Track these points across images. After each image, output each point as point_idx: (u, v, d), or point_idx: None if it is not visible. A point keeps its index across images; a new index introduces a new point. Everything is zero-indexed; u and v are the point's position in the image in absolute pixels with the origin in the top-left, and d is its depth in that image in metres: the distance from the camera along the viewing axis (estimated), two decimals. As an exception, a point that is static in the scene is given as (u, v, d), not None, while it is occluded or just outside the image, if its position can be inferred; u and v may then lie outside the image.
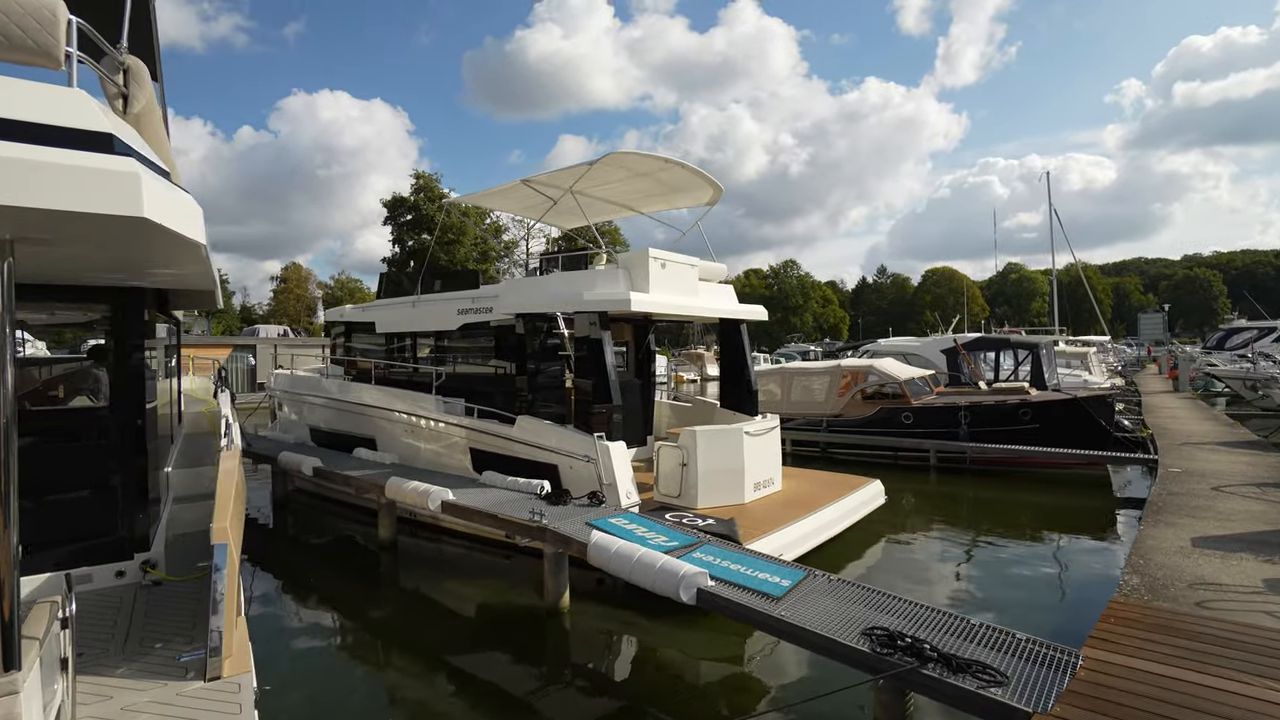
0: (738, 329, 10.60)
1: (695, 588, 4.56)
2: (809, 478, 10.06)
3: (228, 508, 4.15)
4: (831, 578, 4.91)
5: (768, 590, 4.54)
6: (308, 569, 8.45)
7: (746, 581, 4.68)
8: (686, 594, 4.55)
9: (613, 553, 5.10)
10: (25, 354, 7.25)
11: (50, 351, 7.90)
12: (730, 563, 5.08)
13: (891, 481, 12.50)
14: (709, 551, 5.39)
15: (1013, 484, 12.31)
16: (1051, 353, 17.38)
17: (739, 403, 10.58)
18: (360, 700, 5.16)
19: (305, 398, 12.12)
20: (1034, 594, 7.10)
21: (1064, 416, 12.94)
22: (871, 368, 14.99)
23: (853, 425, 14.73)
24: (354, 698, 5.20)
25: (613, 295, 8.28)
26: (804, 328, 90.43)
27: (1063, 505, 11.16)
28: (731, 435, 8.53)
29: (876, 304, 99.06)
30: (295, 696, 5.18)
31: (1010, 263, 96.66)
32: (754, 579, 4.72)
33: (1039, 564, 8.16)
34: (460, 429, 9.07)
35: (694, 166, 9.62)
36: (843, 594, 4.63)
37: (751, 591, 4.56)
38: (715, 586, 4.60)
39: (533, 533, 6.06)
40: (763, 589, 4.56)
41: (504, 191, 10.21)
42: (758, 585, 4.61)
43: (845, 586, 4.77)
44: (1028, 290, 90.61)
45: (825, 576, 4.94)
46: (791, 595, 4.51)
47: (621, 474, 7.73)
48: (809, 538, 7.65)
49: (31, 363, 6.38)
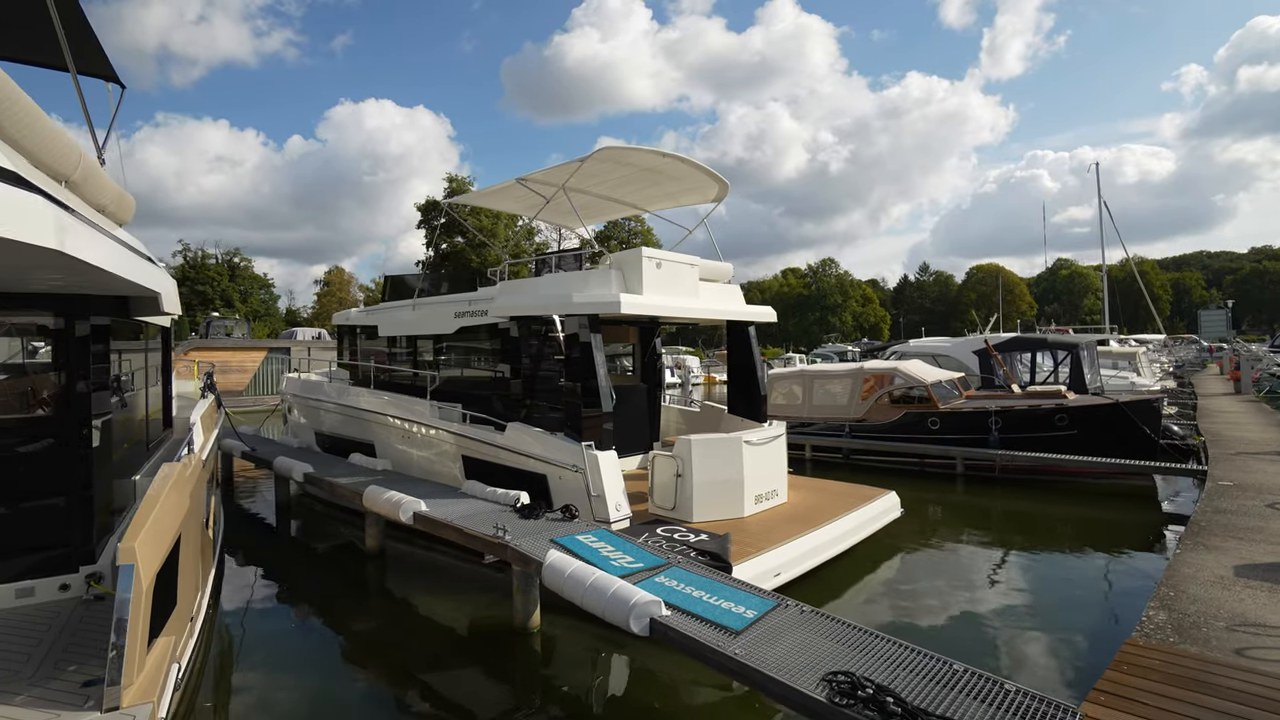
0: (745, 331, 10.10)
1: (647, 618, 4.14)
2: (819, 489, 9.47)
3: (143, 525, 3.90)
4: (805, 609, 4.42)
5: (727, 623, 4.09)
6: (295, 575, 8.28)
7: (706, 611, 4.24)
8: (637, 624, 4.13)
9: (566, 575, 4.71)
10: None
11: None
12: (694, 588, 4.63)
13: (916, 491, 11.88)
14: (674, 575, 4.95)
15: (1046, 495, 11.47)
16: (1094, 353, 16.27)
17: (747, 408, 10.06)
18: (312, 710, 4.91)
19: (311, 402, 12.07)
20: (1056, 623, 6.41)
21: (1105, 422, 12.02)
22: (896, 370, 14.25)
23: (876, 431, 14.02)
24: (305, 707, 4.95)
25: (602, 297, 7.89)
26: (843, 327, 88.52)
27: (1101, 519, 10.32)
28: (729, 444, 8.03)
29: (919, 303, 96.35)
30: (241, 705, 4.95)
31: (1060, 259, 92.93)
32: (715, 609, 4.28)
33: (1067, 587, 7.46)
34: (451, 435, 8.81)
35: (696, 161, 9.18)
36: (815, 628, 4.15)
37: (709, 623, 4.12)
38: (670, 617, 4.17)
39: (495, 549, 5.72)
40: (722, 621, 4.11)
41: (500, 191, 9.95)
42: (718, 616, 4.17)
43: (819, 620, 4.28)
44: (1079, 287, 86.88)
45: (799, 607, 4.45)
46: (755, 629, 4.05)
47: (611, 485, 7.35)
48: (810, 555, 7.12)
49: None
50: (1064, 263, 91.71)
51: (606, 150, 8.40)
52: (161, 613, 4.25)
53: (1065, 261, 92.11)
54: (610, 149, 8.36)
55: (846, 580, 7.42)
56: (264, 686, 5.50)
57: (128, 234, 4.91)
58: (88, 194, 4.10)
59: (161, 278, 5.02)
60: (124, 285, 4.29)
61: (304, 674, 5.73)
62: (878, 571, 7.88)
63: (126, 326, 6.09)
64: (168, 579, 4.41)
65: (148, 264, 4.63)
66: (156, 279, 4.78)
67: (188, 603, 5.02)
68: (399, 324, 10.93)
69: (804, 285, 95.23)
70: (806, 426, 15.11)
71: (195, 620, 5.41)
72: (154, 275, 4.74)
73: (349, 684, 5.51)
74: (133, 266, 4.01)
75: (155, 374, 7.52)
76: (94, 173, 4.20)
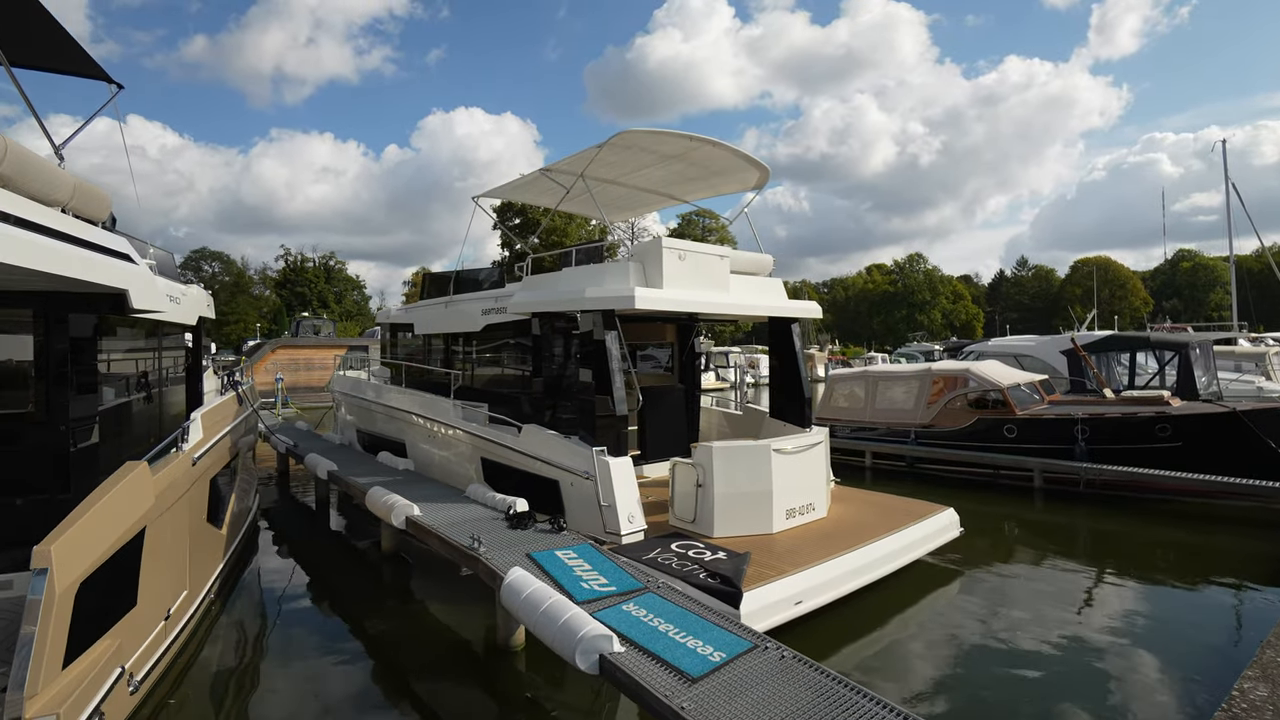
0: (788, 329, 9.26)
1: (596, 654, 3.61)
2: (865, 503, 8.54)
3: (68, 527, 3.73)
4: (787, 654, 3.74)
5: (686, 666, 3.49)
6: (312, 574, 8.19)
7: (667, 650, 3.65)
8: (584, 661, 3.61)
9: (523, 598, 4.24)
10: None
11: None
12: (663, 621, 4.05)
13: (986, 505, 10.71)
14: (646, 604, 4.38)
15: (1140, 516, 10.00)
16: (1208, 354, 14.25)
17: (790, 412, 9.27)
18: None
19: (353, 399, 12.23)
20: (1133, 677, 5.36)
21: (1218, 434, 10.41)
22: (968, 372, 12.96)
23: (945, 438, 12.81)
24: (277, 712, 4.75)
25: (616, 291, 7.37)
26: (931, 325, 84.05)
27: (1210, 547, 8.85)
28: (756, 453, 7.32)
29: (1016, 299, 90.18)
30: (211, 707, 4.79)
31: (1182, 250, 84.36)
32: (678, 648, 3.68)
33: (1153, 630, 6.21)
34: (470, 437, 8.55)
35: (730, 145, 8.49)
36: (791, 678, 3.48)
37: (666, 665, 3.53)
38: (622, 654, 3.61)
39: (468, 561, 5.33)
40: (681, 663, 3.52)
41: (528, 183, 9.62)
42: (678, 657, 3.58)
43: (799, 668, 3.59)
44: (1204, 280, 78.51)
45: (779, 651, 3.78)
46: (717, 676, 3.43)
47: (623, 494, 6.83)
48: (841, 581, 6.27)
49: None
50: (1186, 254, 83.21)
51: (625, 135, 7.88)
52: (104, 615, 4.11)
53: (1187, 253, 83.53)
54: (629, 133, 7.83)
55: (884, 611, 6.53)
56: (243, 688, 5.35)
57: (100, 231, 4.85)
58: (27, 188, 3.99)
59: (132, 275, 4.92)
60: (46, 280, 4.15)
61: (289, 676, 5.56)
62: (927, 600, 6.93)
63: (143, 325, 6.14)
64: (117, 579, 4.27)
65: (107, 259, 4.53)
66: (120, 275, 4.67)
67: (157, 602, 4.92)
68: (432, 322, 10.84)
69: (890, 281, 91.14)
70: (868, 431, 14.05)
71: (175, 619, 5.32)
72: (116, 271, 4.63)
73: (329, 692, 5.27)
74: (62, 261, 3.87)
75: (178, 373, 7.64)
76: (34, 167, 4.11)
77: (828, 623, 6.01)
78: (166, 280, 6.65)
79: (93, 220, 5.06)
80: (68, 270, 3.93)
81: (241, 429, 8.33)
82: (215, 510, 6.67)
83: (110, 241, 4.83)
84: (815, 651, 5.63)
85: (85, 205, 4.89)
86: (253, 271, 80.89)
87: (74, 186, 4.69)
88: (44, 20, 4.98)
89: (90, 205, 4.98)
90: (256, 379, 30.49)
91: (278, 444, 11.92)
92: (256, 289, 78.02)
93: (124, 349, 6.06)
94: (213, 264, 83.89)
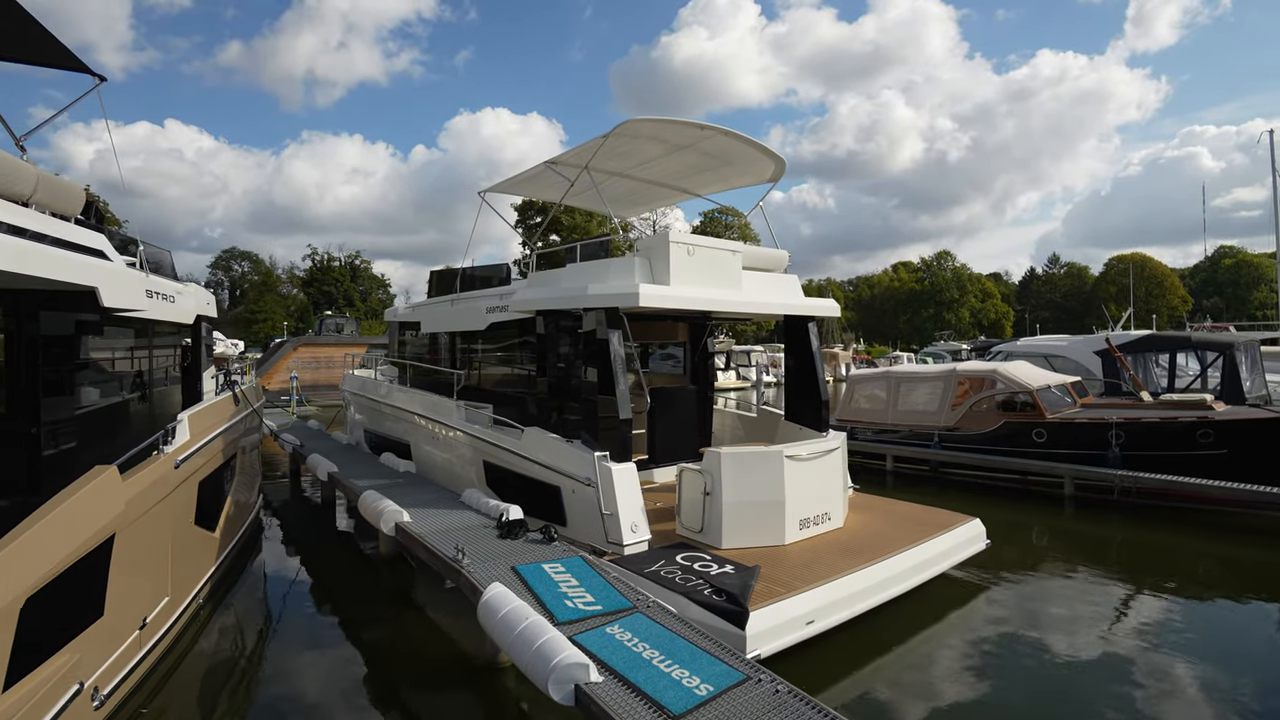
0: (804, 328, 8.83)
1: (571, 684, 3.30)
2: (886, 512, 8.06)
3: (15, 537, 3.52)
4: (782, 687, 3.39)
5: (667, 701, 3.16)
6: (310, 579, 8.01)
7: (649, 681, 3.32)
8: (557, 691, 3.30)
9: (498, 618, 3.94)
10: None
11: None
12: (649, 647, 3.72)
13: (1013, 513, 10.20)
14: (632, 626, 4.04)
15: (1183, 528, 9.40)
16: (1256, 355, 13.46)
17: (805, 415, 8.86)
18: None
19: (361, 399, 12.09)
20: (1175, 704, 4.89)
21: (1265, 441, 9.77)
22: (995, 373, 12.39)
23: (970, 442, 12.27)
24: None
25: (620, 288, 7.04)
26: (959, 324, 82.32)
27: (1257, 563, 8.28)
28: (767, 459, 6.93)
29: (1047, 297, 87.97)
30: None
31: (1223, 246, 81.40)
32: (662, 678, 3.36)
33: (1197, 651, 5.71)
34: (471, 439, 8.30)
35: (743, 135, 8.11)
36: (786, 717, 3.13)
37: (646, 698, 3.21)
38: (599, 685, 3.30)
39: (451, 573, 5.06)
40: (663, 697, 3.19)
41: (533, 176, 9.32)
42: (660, 689, 3.25)
43: (794, 704, 3.24)
44: (1247, 278, 75.68)
45: (774, 684, 3.42)
46: (702, 712, 3.10)
47: (626, 503, 6.50)
48: (857, 598, 5.84)
49: None
50: (1227, 250, 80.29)
51: (631, 124, 7.54)
52: (61, 629, 3.91)
53: (1229, 249, 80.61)
54: (633, 122, 7.50)
55: (903, 630, 6.10)
56: (225, 696, 5.15)
57: (70, 226, 4.67)
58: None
59: (104, 272, 4.73)
60: (7, 278, 3.95)
61: (275, 683, 5.40)
62: (950, 618, 6.46)
63: (133, 325, 5.97)
64: (78, 590, 4.08)
65: (73, 255, 4.33)
66: (87, 272, 4.47)
67: (129, 611, 4.72)
68: (438, 320, 10.62)
69: (916, 280, 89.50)
70: (891, 434, 13.55)
71: (154, 628, 5.13)
72: (83, 268, 4.43)
73: (313, 701, 5.05)
74: (17, 257, 3.67)
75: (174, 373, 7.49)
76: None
77: (841, 641, 5.63)
78: (159, 278, 6.49)
79: (65, 215, 4.88)
80: (24, 267, 3.73)
81: (240, 429, 8.18)
82: (206, 512, 6.50)
83: (81, 237, 4.65)
84: (826, 673, 5.27)
85: (54, 199, 4.71)
86: (280, 271, 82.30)
87: (37, 179, 4.51)
88: (12, 10, 4.81)
89: (60, 199, 4.80)
90: (277, 377, 30.84)
91: (285, 443, 11.82)
92: (284, 288, 79.32)
93: (112, 349, 5.90)
94: (242, 263, 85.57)
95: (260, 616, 6.86)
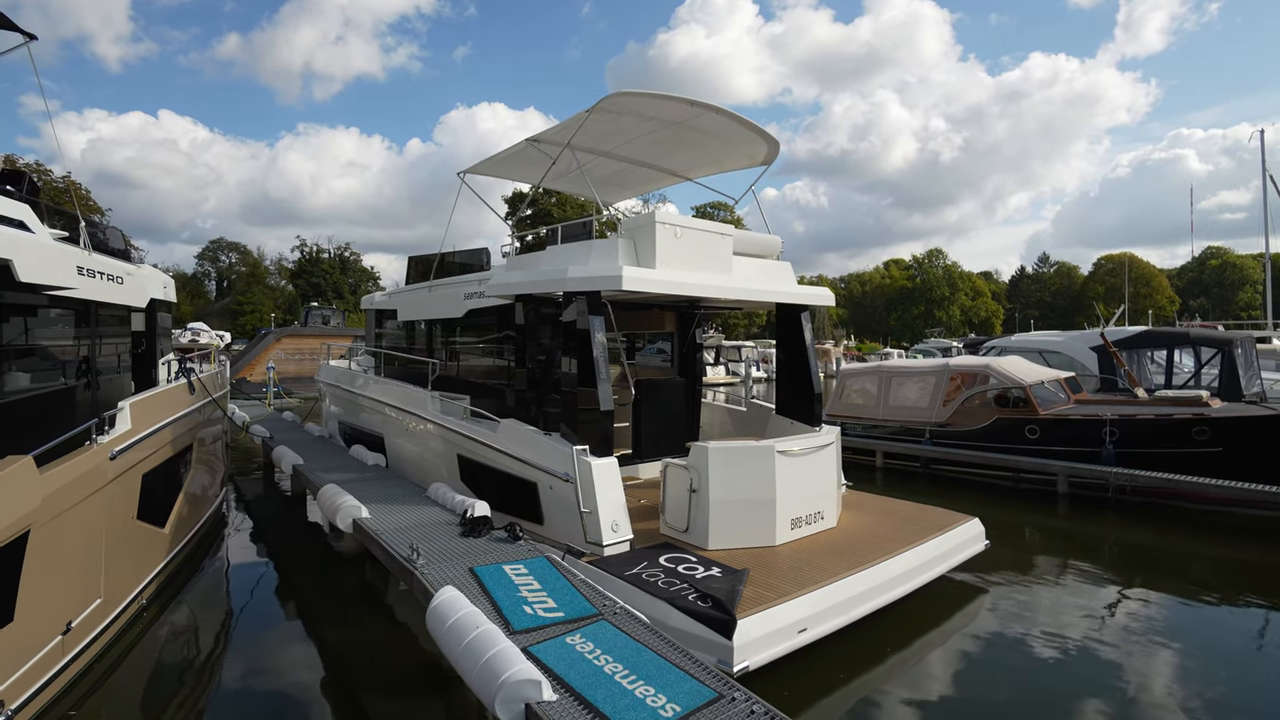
0: (797, 317, 8.44)
1: (520, 703, 2.93)
2: (881, 511, 7.69)
3: None
4: (757, 707, 3.04)
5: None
6: (270, 576, 7.58)
7: (609, 700, 2.96)
8: (505, 711, 2.94)
9: (446, 626, 3.56)
10: None
11: None
12: (612, 659, 3.35)
13: (1005, 511, 9.92)
14: (595, 635, 3.67)
15: (1174, 526, 9.17)
16: (1252, 352, 13.26)
17: (798, 409, 8.50)
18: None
19: (336, 390, 11.64)
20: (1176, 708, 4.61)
21: (1263, 439, 9.55)
22: (988, 368, 12.12)
23: (961, 438, 12.00)
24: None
25: (601, 271, 6.64)
26: (949, 322, 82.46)
27: (1254, 563, 8.04)
28: (758, 455, 6.55)
29: (1037, 296, 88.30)
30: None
31: (1210, 247, 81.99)
32: (624, 696, 3.00)
33: (1199, 649, 5.48)
34: (444, 431, 7.89)
35: (735, 112, 7.70)
36: (767, 741, 2.79)
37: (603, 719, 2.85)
38: (552, 704, 2.93)
39: (404, 575, 4.67)
40: (625, 718, 2.83)
41: (514, 154, 8.86)
42: (622, 710, 2.89)
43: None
44: (1233, 278, 76.32)
45: (750, 704, 3.07)
46: (672, 737, 2.75)
47: (606, 500, 6.10)
48: (853, 604, 5.49)
49: None
50: (1214, 251, 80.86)
51: (617, 98, 7.11)
52: None
53: (1216, 250, 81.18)
54: (618, 95, 7.07)
55: (901, 636, 5.76)
56: (162, 703, 4.75)
57: None
58: None
59: (21, 243, 4.29)
60: None
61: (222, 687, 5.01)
62: (948, 624, 6.13)
63: (78, 307, 5.54)
64: None
65: None
66: None
67: (47, 615, 4.30)
68: (415, 307, 10.19)
69: (907, 277, 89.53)
70: (881, 430, 13.25)
71: (81, 632, 4.71)
72: None
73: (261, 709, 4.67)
74: None
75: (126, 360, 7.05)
76: None
77: (834, 649, 5.28)
78: (102, 257, 6.03)
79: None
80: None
81: (196, 418, 7.74)
82: (153, 506, 6.07)
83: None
84: (819, 679, 4.93)
85: None
86: (269, 262, 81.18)
87: None
88: None
89: None
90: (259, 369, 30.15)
91: (255, 435, 11.37)
92: (273, 279, 78.26)
93: (49, 332, 5.46)
94: (229, 254, 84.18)
95: (215, 616, 6.44)
